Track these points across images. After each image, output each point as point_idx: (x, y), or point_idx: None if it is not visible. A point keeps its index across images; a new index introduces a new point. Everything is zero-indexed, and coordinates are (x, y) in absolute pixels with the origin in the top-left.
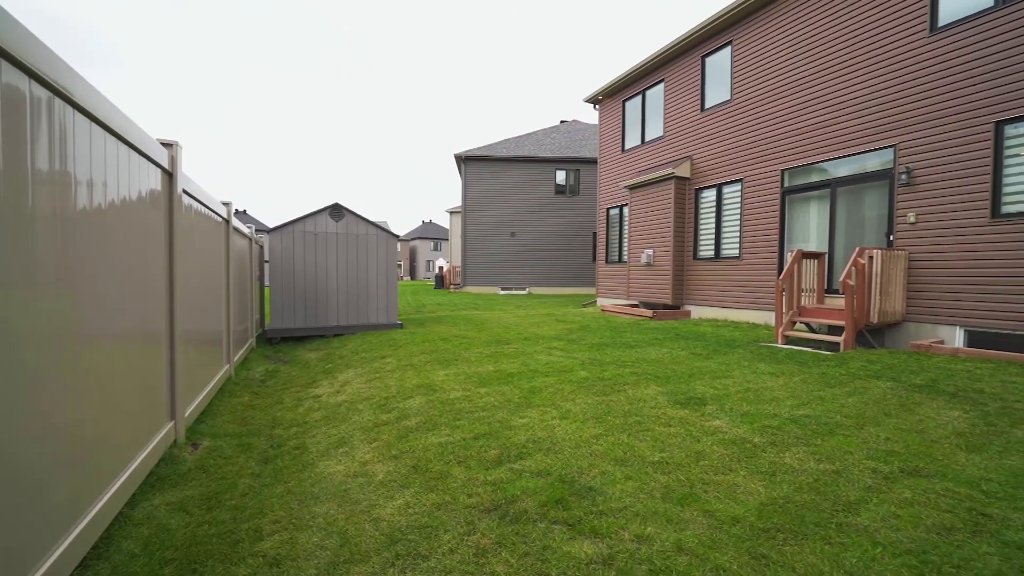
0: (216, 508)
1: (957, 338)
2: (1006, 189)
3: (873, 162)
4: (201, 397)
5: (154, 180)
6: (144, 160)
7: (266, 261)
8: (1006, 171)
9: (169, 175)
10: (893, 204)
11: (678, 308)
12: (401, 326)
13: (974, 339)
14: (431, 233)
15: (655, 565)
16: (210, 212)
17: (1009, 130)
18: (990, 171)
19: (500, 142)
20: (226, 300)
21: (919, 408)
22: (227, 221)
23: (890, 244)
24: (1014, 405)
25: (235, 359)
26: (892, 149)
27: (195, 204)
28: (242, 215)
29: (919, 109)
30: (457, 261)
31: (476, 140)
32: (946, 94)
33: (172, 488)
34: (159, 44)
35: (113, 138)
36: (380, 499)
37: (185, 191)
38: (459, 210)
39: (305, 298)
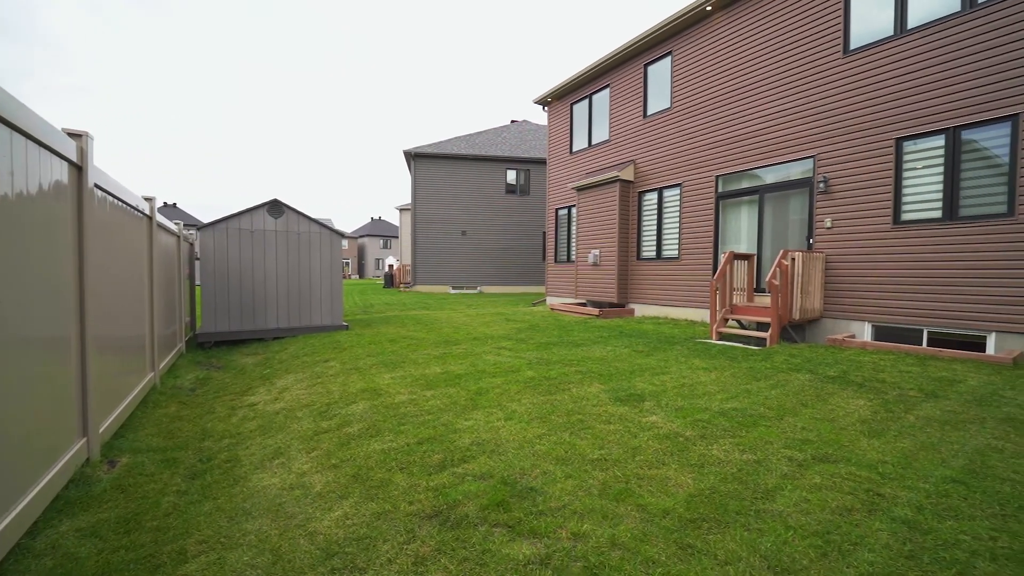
0: (135, 531)
1: (866, 332)
2: (905, 199)
3: (796, 171)
4: (120, 409)
5: (59, 173)
6: (47, 152)
7: (198, 259)
8: (905, 183)
9: (78, 168)
10: (813, 210)
11: (623, 306)
12: (347, 327)
13: (880, 333)
14: (380, 230)
15: (589, 561)
16: (129, 208)
17: (907, 146)
18: (892, 182)
19: (451, 140)
20: (149, 302)
21: (831, 398)
22: (150, 218)
23: (810, 247)
24: (908, 393)
25: (161, 366)
26: (812, 159)
27: (111, 199)
28: (171, 209)
29: (834, 124)
30: (407, 259)
31: (425, 137)
32: (856, 111)
33: (83, 512)
34: (109, 44)
35: (5, 128)
36: (317, 512)
37: (98, 185)
38: (409, 207)
39: (241, 299)
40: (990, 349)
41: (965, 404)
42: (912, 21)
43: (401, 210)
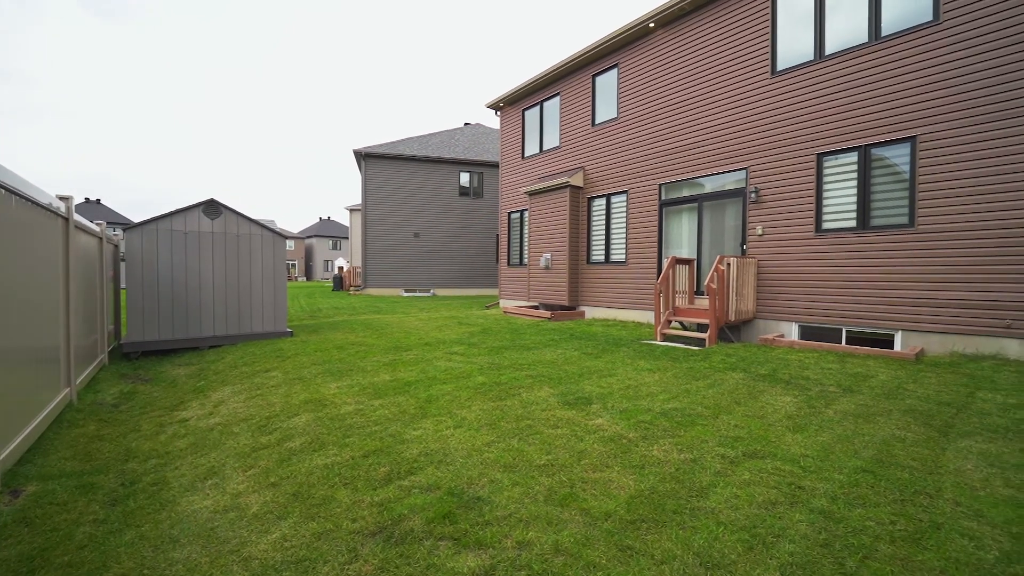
0: (41, 569)
1: (793, 332)
2: (825, 209)
3: (731, 181)
4: (27, 432)
5: None
6: None
7: (123, 260)
8: (825, 194)
9: None
10: (746, 218)
11: (574, 309)
12: (291, 334)
13: (805, 333)
14: (329, 231)
15: (533, 569)
16: (39, 207)
17: (827, 161)
18: (814, 194)
19: (403, 140)
20: (65, 310)
21: (762, 396)
22: (66, 218)
23: (743, 252)
24: (829, 389)
25: (79, 380)
26: (745, 171)
27: (16, 199)
28: (94, 206)
29: (764, 138)
30: (358, 262)
31: (376, 137)
32: (783, 127)
33: None
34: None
35: None
36: (253, 535)
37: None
38: (360, 208)
39: (173, 305)
40: (897, 346)
41: (876, 398)
42: (829, 48)
43: (351, 210)
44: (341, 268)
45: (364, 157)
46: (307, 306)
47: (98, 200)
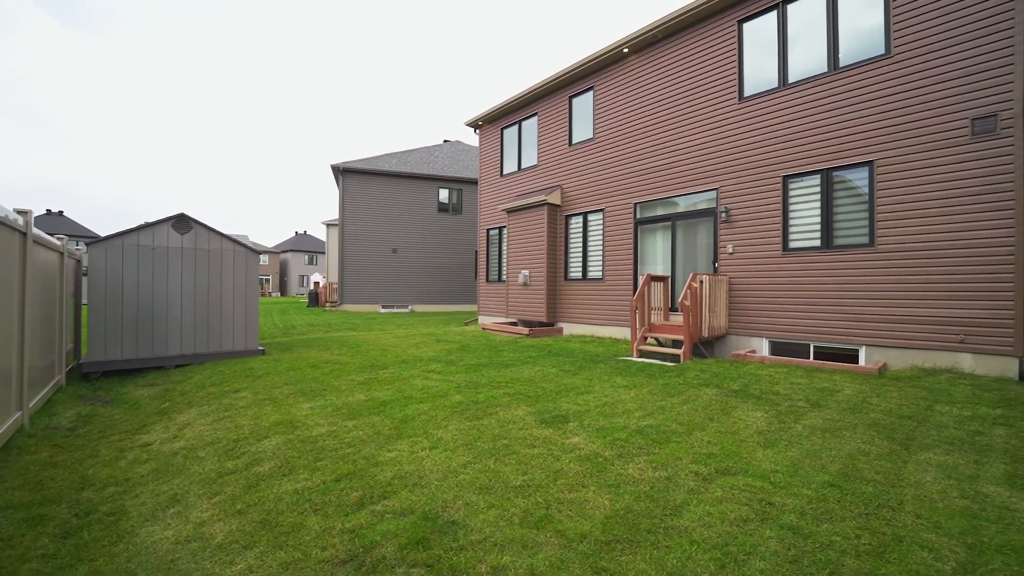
0: None
1: (764, 348)
2: (792, 229)
3: (702, 201)
4: None
5: None
6: None
7: (86, 275)
8: (791, 215)
9: None
10: (717, 237)
11: (552, 325)
12: (263, 352)
13: (775, 348)
14: (305, 246)
15: None
16: None
17: (792, 183)
18: (781, 214)
19: (382, 156)
20: (19, 329)
21: (734, 411)
22: (24, 233)
23: (715, 270)
24: (798, 404)
25: (31, 403)
26: (715, 192)
27: None
28: (57, 218)
29: (733, 160)
30: (334, 277)
31: (353, 152)
32: (751, 150)
33: None
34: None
35: None
36: (217, 566)
37: None
38: (337, 223)
39: (138, 323)
40: (862, 361)
41: (842, 412)
42: (792, 76)
43: (328, 225)
44: (317, 283)
45: (342, 172)
46: (280, 323)
47: (60, 212)
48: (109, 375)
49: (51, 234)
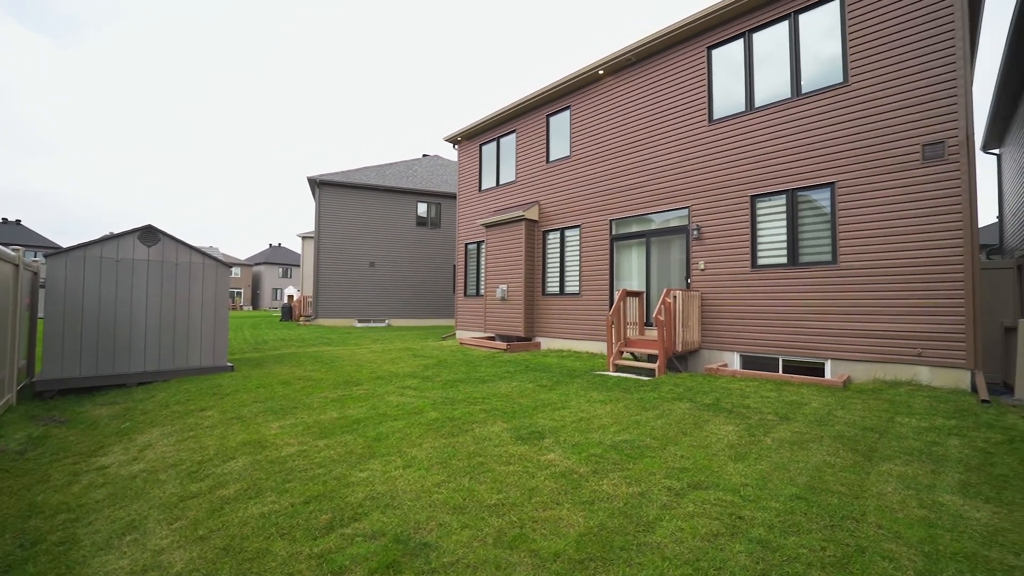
0: None
1: (735, 362)
2: (760, 246)
3: (675, 219)
4: None
5: None
6: None
7: (43, 287)
8: (759, 233)
9: None
10: (689, 254)
11: (530, 340)
12: (232, 369)
13: (746, 362)
14: (280, 258)
15: None
16: None
17: (759, 202)
18: (749, 232)
19: (360, 169)
20: None
21: (707, 425)
22: None
23: (688, 286)
24: (767, 417)
25: None
26: (687, 210)
27: None
28: (13, 227)
29: (704, 180)
30: (310, 290)
31: (331, 164)
32: (721, 170)
33: None
34: None
35: None
36: None
37: None
38: (313, 236)
39: (99, 339)
40: (828, 374)
41: (809, 425)
42: (758, 101)
43: (304, 238)
44: (291, 297)
45: (319, 185)
46: (252, 338)
47: (18, 221)
48: (66, 393)
49: (7, 244)
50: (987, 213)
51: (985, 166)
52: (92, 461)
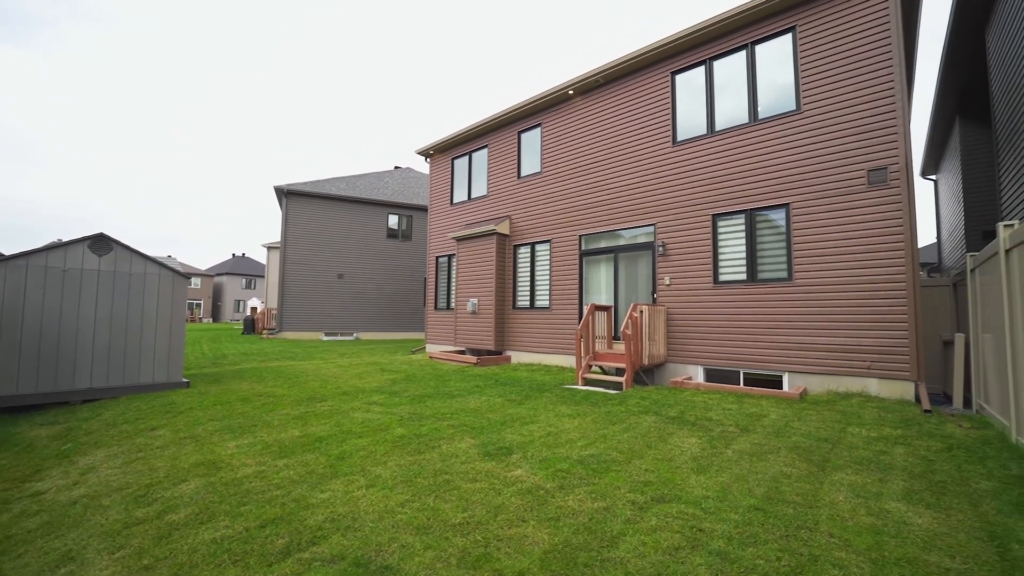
0: None
1: (700, 375)
2: (721, 263)
3: (642, 236)
4: None
5: None
6: None
7: None
8: (720, 250)
9: None
10: (655, 269)
11: (500, 354)
12: (187, 385)
13: (710, 375)
14: (243, 268)
15: None
16: None
17: (720, 221)
18: (711, 249)
19: (329, 179)
20: None
21: (671, 438)
22: None
23: (655, 301)
24: (728, 429)
25: None
26: (653, 227)
27: None
28: None
29: (669, 198)
30: (274, 303)
31: (300, 173)
32: (684, 189)
33: None
34: None
35: None
36: None
37: None
38: (279, 246)
39: (40, 354)
40: (785, 386)
41: (767, 436)
42: (719, 125)
43: (269, 248)
44: (254, 309)
45: (286, 194)
46: (210, 352)
47: None
48: None
49: None
50: (928, 234)
51: (925, 191)
52: (26, 487)
